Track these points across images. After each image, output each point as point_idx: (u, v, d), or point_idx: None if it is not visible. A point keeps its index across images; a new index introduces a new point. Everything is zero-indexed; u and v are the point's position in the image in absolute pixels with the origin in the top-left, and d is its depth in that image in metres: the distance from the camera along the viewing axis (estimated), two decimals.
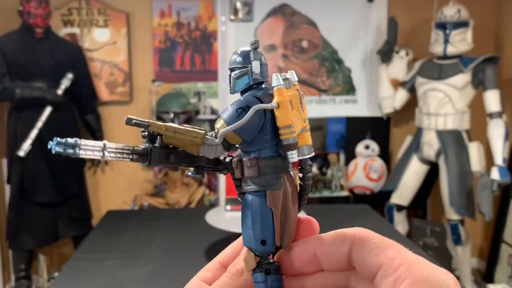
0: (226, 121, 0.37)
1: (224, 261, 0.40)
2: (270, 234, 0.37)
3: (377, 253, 0.33)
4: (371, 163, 3.49)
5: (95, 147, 0.37)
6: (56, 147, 0.37)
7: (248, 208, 0.37)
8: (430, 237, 3.31)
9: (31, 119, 3.01)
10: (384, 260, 0.32)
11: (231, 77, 0.39)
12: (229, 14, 3.49)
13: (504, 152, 2.93)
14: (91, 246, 2.09)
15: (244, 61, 0.39)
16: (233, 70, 0.39)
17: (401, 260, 0.32)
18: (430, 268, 0.31)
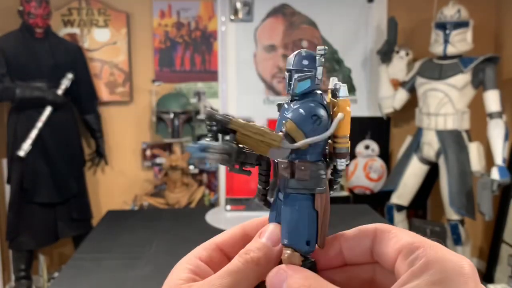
0: (299, 125, 0.39)
1: (221, 244, 0.40)
2: (314, 235, 0.39)
3: (396, 240, 0.35)
4: (371, 163, 3.49)
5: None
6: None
7: (296, 209, 0.39)
8: (430, 237, 3.28)
9: (31, 119, 3.01)
10: (404, 245, 0.34)
11: (293, 78, 0.40)
12: (229, 14, 3.49)
13: (504, 152, 2.93)
14: (91, 246, 2.09)
15: (310, 64, 0.41)
16: (297, 71, 0.41)
17: (419, 243, 0.33)
18: (447, 251, 0.32)
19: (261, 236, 0.39)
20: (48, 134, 3.05)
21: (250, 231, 0.42)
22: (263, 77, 3.65)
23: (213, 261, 0.39)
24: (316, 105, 0.40)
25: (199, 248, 0.40)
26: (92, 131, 3.42)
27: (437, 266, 0.31)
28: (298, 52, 0.41)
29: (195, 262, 0.39)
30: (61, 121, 3.14)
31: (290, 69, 0.41)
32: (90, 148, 3.56)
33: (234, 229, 0.42)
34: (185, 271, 0.38)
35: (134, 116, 3.58)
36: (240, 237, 0.41)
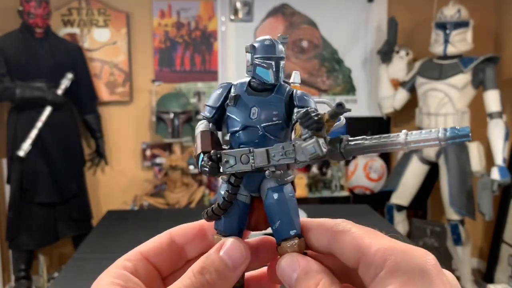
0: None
1: (147, 253, 0.39)
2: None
3: (353, 245, 0.34)
4: (371, 163, 3.49)
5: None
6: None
7: (292, 197, 0.40)
8: (430, 237, 3.30)
9: (31, 119, 3.01)
10: (362, 251, 0.33)
11: (281, 66, 0.40)
12: (229, 14, 3.49)
13: (504, 152, 2.93)
14: (91, 246, 2.09)
15: (284, 53, 0.41)
16: (282, 59, 0.40)
17: (377, 246, 0.32)
18: (406, 250, 0.32)
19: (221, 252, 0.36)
20: (48, 134, 3.05)
21: (178, 238, 0.40)
22: None
23: (139, 271, 0.37)
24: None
25: (122, 259, 0.38)
26: (92, 131, 3.42)
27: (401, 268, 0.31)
28: (274, 40, 0.40)
29: (122, 276, 0.36)
30: (61, 121, 3.13)
31: (277, 57, 0.40)
32: (90, 148, 3.55)
33: (160, 236, 0.40)
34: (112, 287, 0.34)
35: (134, 116, 3.58)
36: (167, 245, 0.39)
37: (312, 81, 3.68)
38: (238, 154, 0.38)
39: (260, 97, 0.40)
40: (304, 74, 3.67)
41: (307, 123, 0.36)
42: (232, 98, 0.41)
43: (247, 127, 0.40)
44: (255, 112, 0.40)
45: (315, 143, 0.36)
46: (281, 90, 0.41)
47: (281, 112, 0.40)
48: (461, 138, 0.34)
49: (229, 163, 0.38)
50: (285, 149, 0.37)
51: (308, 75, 3.68)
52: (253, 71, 0.40)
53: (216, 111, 0.42)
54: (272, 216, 0.39)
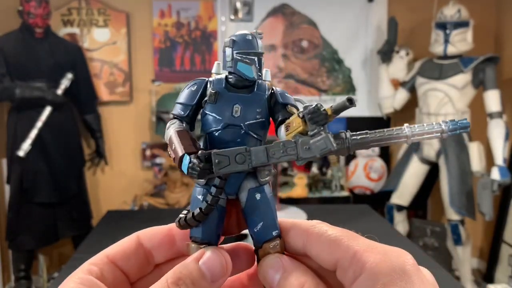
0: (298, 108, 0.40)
1: (113, 257, 0.37)
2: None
3: (330, 248, 0.33)
4: (371, 163, 3.49)
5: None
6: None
7: (271, 197, 0.39)
8: (430, 237, 3.30)
9: (31, 119, 3.01)
10: (339, 254, 0.33)
11: (262, 61, 0.39)
12: (229, 14, 3.49)
13: (505, 152, 2.93)
14: (91, 246, 2.09)
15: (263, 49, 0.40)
16: (262, 55, 0.39)
17: (354, 249, 0.32)
18: (384, 251, 0.31)
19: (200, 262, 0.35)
20: (48, 134, 3.05)
21: (146, 242, 0.38)
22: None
23: (105, 276, 0.35)
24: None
25: (87, 263, 0.36)
26: (92, 131, 3.41)
27: (381, 271, 0.30)
28: (252, 35, 0.39)
29: (87, 281, 0.34)
30: (60, 121, 3.13)
31: (259, 52, 0.39)
32: (90, 148, 3.55)
33: (127, 239, 0.38)
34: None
35: (134, 116, 3.58)
36: (135, 249, 0.38)
37: (312, 81, 3.68)
38: (233, 153, 0.36)
39: (242, 94, 0.39)
40: (304, 74, 3.67)
41: (318, 118, 0.35)
42: (212, 95, 0.39)
43: (229, 125, 0.39)
44: (237, 109, 0.39)
45: (326, 138, 0.35)
46: (262, 87, 0.40)
47: (264, 109, 0.39)
48: (461, 129, 0.35)
49: (222, 163, 0.36)
50: (286, 146, 0.36)
51: (308, 75, 3.67)
52: (233, 67, 0.38)
53: (191, 109, 0.40)
54: (254, 217, 0.38)
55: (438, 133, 0.35)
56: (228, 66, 0.39)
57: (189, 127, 0.40)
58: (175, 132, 0.39)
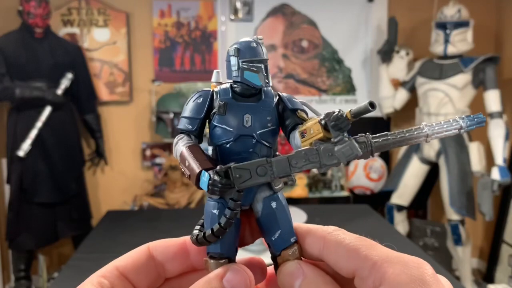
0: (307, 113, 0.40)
1: (124, 269, 0.36)
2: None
3: (348, 256, 0.33)
4: (371, 163, 3.49)
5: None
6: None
7: (286, 204, 0.39)
8: (431, 237, 3.30)
9: (30, 119, 3.01)
10: (357, 263, 0.32)
11: (268, 68, 0.38)
12: (229, 14, 3.49)
13: (505, 152, 2.93)
14: (91, 246, 2.09)
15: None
16: (267, 61, 0.39)
17: (373, 259, 0.32)
18: (403, 261, 0.31)
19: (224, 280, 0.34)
20: (47, 134, 3.05)
21: (159, 255, 0.37)
22: None
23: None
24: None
25: (97, 276, 0.35)
26: (92, 131, 3.41)
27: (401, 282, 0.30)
28: (256, 41, 0.39)
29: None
30: (60, 121, 3.13)
31: (264, 59, 0.38)
32: (89, 148, 3.55)
33: (138, 251, 0.37)
34: None
35: (134, 116, 3.57)
36: (145, 261, 0.37)
37: (312, 81, 3.68)
38: (253, 166, 0.36)
39: (251, 103, 0.39)
40: (304, 74, 3.67)
41: (342, 125, 0.36)
42: (222, 106, 0.38)
43: (241, 136, 0.38)
44: (248, 119, 0.38)
45: (351, 144, 0.36)
46: (269, 94, 0.39)
47: (274, 117, 0.39)
48: (478, 124, 0.35)
49: (243, 177, 0.36)
50: (308, 154, 0.36)
51: (308, 75, 3.67)
52: (240, 76, 0.38)
53: (200, 122, 0.39)
54: (271, 226, 0.38)
55: (457, 129, 0.35)
56: (234, 76, 0.38)
57: (198, 141, 0.40)
58: (187, 147, 0.38)
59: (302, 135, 0.37)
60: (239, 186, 0.36)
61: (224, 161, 0.38)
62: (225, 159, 0.38)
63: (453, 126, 0.35)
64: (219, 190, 0.35)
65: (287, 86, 3.66)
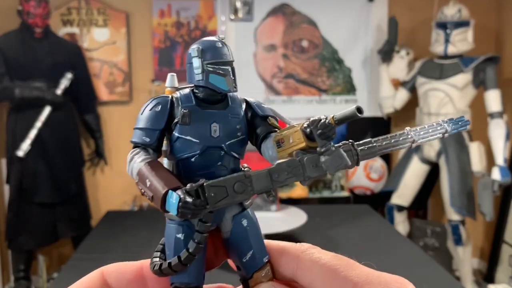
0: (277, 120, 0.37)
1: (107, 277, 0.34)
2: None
3: (325, 277, 0.31)
4: (372, 163, 3.48)
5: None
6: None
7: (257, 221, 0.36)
8: (431, 238, 3.30)
9: (30, 119, 3.00)
10: (335, 285, 0.31)
11: (235, 71, 0.35)
12: (229, 14, 3.48)
13: (505, 152, 2.93)
14: (91, 246, 2.08)
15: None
16: (233, 63, 0.35)
17: (353, 280, 0.30)
18: (385, 281, 0.30)
19: None
20: (47, 134, 3.04)
21: (113, 282, 0.34)
22: (263, 76, 3.65)
23: None
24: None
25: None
26: (92, 131, 3.41)
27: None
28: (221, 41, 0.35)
29: None
30: (60, 121, 3.13)
31: (231, 61, 0.35)
32: (89, 148, 3.55)
33: (91, 278, 0.34)
34: None
35: (134, 116, 3.53)
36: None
37: (312, 81, 3.67)
38: (230, 182, 0.32)
39: (218, 111, 0.35)
40: (304, 74, 3.66)
41: (330, 133, 0.32)
42: (186, 115, 0.34)
43: (208, 148, 0.34)
44: (216, 129, 0.34)
45: (339, 154, 0.32)
46: (236, 100, 0.36)
47: (243, 125, 0.35)
48: (462, 127, 0.35)
49: (218, 195, 0.31)
50: (290, 166, 0.32)
51: (308, 75, 3.67)
52: (205, 79, 0.34)
53: (160, 134, 0.35)
54: (242, 246, 0.34)
55: (441, 133, 0.34)
56: (197, 80, 0.35)
57: (157, 156, 0.35)
58: (146, 164, 0.34)
59: (279, 145, 0.34)
60: (214, 206, 0.31)
61: (187, 177, 0.33)
62: (189, 175, 0.34)
63: (438, 130, 0.34)
64: (191, 213, 0.31)
65: (287, 86, 3.65)
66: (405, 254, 2.01)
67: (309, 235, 2.05)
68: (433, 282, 1.75)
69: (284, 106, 3.63)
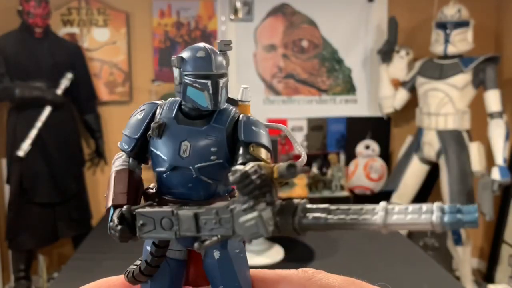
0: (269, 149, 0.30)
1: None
2: None
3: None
4: (372, 163, 3.48)
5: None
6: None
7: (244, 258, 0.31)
8: (431, 237, 3.30)
9: (30, 119, 3.00)
10: None
11: (220, 86, 0.30)
12: (229, 14, 3.48)
13: (505, 152, 2.93)
14: (91, 246, 2.08)
15: (226, 64, 0.31)
16: (222, 76, 0.30)
17: None
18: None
19: None
20: (47, 134, 3.04)
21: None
22: (263, 77, 3.65)
23: None
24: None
25: None
26: (92, 131, 3.41)
27: None
28: (210, 49, 0.30)
29: None
30: (60, 121, 3.13)
31: (215, 74, 0.30)
32: (89, 148, 3.55)
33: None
34: None
35: None
36: None
37: (312, 81, 3.68)
38: (158, 216, 0.28)
39: (193, 127, 0.31)
40: (304, 74, 3.66)
41: (247, 189, 0.26)
42: (156, 128, 0.31)
43: (175, 167, 0.31)
44: (186, 148, 0.31)
45: (258, 219, 0.26)
46: (222, 117, 0.31)
47: (222, 148, 0.30)
48: (465, 224, 0.22)
49: (146, 227, 0.29)
50: (219, 215, 0.27)
51: (308, 75, 3.67)
52: (182, 93, 0.31)
53: (136, 142, 0.33)
54: (212, 278, 0.31)
55: (428, 226, 0.23)
56: (177, 91, 0.32)
57: (137, 163, 0.33)
58: (114, 172, 0.32)
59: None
60: (141, 237, 0.29)
61: (162, 193, 0.31)
62: (163, 192, 0.31)
63: (421, 221, 0.22)
64: (117, 236, 0.29)
65: (287, 86, 3.66)
66: (405, 254, 2.01)
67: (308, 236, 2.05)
68: (433, 282, 1.75)
69: (284, 106, 3.64)
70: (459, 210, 0.22)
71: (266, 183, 0.26)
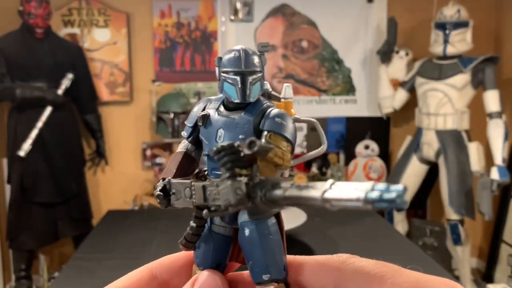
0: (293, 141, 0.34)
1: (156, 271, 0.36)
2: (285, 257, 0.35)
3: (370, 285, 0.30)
4: (371, 163, 3.50)
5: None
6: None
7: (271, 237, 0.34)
8: (430, 237, 3.31)
9: (31, 119, 3.01)
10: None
11: (248, 81, 0.34)
12: (229, 14, 3.49)
13: (504, 152, 2.94)
14: (91, 246, 2.09)
15: (260, 64, 0.36)
16: (251, 73, 0.35)
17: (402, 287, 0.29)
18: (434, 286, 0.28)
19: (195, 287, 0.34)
20: (48, 134, 3.05)
21: (159, 274, 0.36)
22: None
23: None
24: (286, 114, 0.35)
25: (129, 278, 0.35)
26: (92, 131, 3.42)
27: None
28: (246, 50, 0.35)
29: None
30: (61, 121, 3.14)
31: (244, 71, 0.34)
32: (90, 148, 3.56)
33: (139, 271, 0.36)
34: None
35: (134, 116, 3.58)
36: (147, 282, 0.36)
37: (312, 81, 3.69)
38: (183, 186, 0.34)
39: (229, 118, 0.35)
40: (304, 74, 3.67)
41: (221, 162, 0.30)
42: (201, 118, 0.36)
43: None
44: (221, 134, 0.35)
45: (229, 187, 0.29)
46: (253, 110, 0.35)
47: (248, 136, 0.34)
48: (387, 202, 0.23)
49: (177, 195, 0.34)
50: (219, 187, 0.30)
51: (308, 75, 3.68)
52: (220, 88, 0.35)
53: (193, 130, 0.38)
54: (244, 253, 0.34)
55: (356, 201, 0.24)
56: (218, 87, 0.36)
57: (195, 148, 0.38)
58: (173, 155, 0.38)
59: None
60: (173, 204, 0.34)
61: (207, 174, 0.36)
62: (208, 173, 0.36)
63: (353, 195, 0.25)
64: (160, 203, 0.34)
65: None
66: (404, 254, 2.02)
67: (308, 235, 2.06)
68: None
69: None
70: (387, 189, 0.23)
71: (237, 157, 0.29)
